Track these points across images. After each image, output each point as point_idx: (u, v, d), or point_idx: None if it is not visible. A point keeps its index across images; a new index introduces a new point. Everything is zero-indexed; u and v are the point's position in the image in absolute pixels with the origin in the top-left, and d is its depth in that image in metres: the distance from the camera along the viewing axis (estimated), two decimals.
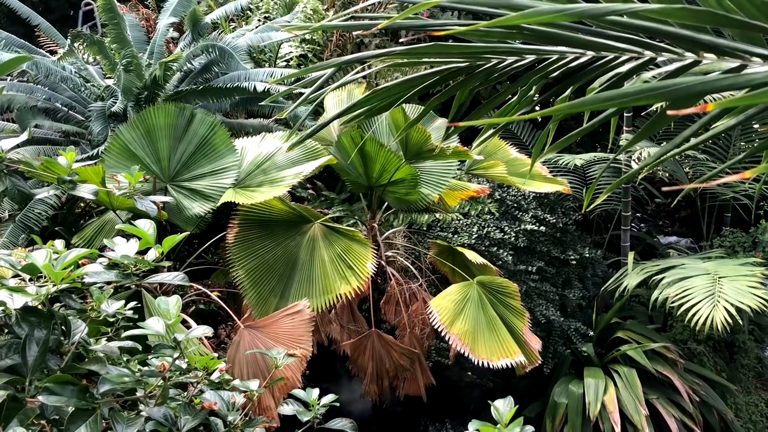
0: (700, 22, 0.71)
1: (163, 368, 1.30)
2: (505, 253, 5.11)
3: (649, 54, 0.93)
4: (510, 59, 1.05)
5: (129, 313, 1.37)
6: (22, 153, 3.69)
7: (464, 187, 4.68)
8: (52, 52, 5.77)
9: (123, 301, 1.39)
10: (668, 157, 1.12)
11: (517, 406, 1.51)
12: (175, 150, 3.77)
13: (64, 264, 1.27)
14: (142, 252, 1.56)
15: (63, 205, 4.43)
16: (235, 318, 3.60)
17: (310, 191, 5.69)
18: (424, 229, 5.33)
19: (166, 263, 1.48)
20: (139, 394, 1.32)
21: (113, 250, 1.55)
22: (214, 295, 3.62)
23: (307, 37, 5.86)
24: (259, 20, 5.76)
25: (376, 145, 3.94)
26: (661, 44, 0.94)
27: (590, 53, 0.97)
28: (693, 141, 1.07)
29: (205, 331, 1.39)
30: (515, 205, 5.44)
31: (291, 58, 5.98)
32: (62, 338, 1.25)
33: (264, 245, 3.81)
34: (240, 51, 4.55)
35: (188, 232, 1.71)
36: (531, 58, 1.03)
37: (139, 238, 1.55)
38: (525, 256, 5.39)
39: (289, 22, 5.42)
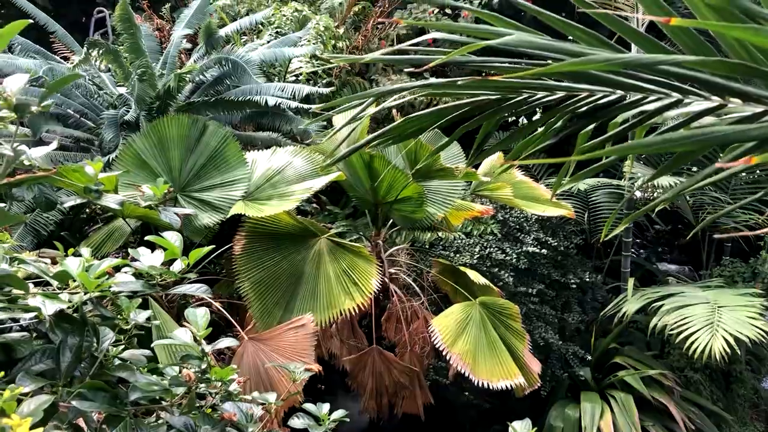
0: (732, 72, 0.76)
1: (188, 378, 1.33)
2: (506, 275, 5.15)
3: (676, 96, 0.98)
4: (541, 94, 1.10)
5: (157, 323, 1.40)
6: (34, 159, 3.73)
7: (469, 207, 4.72)
8: (65, 58, 5.83)
9: (150, 311, 1.43)
10: (685, 191, 1.17)
11: (535, 428, 1.54)
12: (187, 161, 3.81)
13: (97, 273, 1.30)
14: (167, 263, 1.60)
15: (69, 210, 4.46)
16: (239, 329, 3.62)
17: (314, 205, 5.73)
18: (427, 247, 5.37)
19: (192, 275, 1.51)
20: (163, 402, 1.35)
21: (137, 260, 1.59)
22: (218, 305, 3.64)
23: (317, 53, 5.93)
24: (271, 35, 5.84)
25: (384, 163, 3.99)
26: (688, 87, 0.99)
27: (619, 92, 1.03)
28: (711, 179, 1.12)
29: (231, 343, 1.43)
30: (517, 226, 5.49)
31: (300, 74, 6.05)
32: (93, 345, 1.28)
33: (270, 258, 3.84)
34: (252, 65, 4.61)
35: (213, 246, 1.75)
36: (561, 93, 1.08)
37: (165, 249, 1.59)
38: (525, 278, 5.43)
39: (300, 38, 5.49)
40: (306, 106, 4.76)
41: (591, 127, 1.27)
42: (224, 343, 1.42)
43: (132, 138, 3.77)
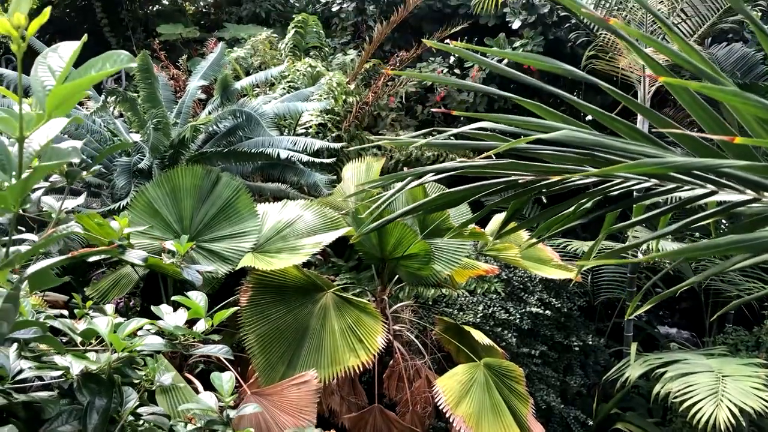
0: None
1: None
2: (510, 335, 5.12)
3: (711, 187, 1.01)
4: (575, 176, 1.14)
5: (182, 385, 1.40)
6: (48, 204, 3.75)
7: (474, 265, 4.74)
8: (80, 103, 5.93)
9: (174, 372, 1.43)
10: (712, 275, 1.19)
11: None
12: (198, 210, 3.84)
13: (126, 333, 1.31)
14: (190, 322, 1.60)
15: None
16: (242, 383, 3.58)
17: (318, 257, 5.73)
18: (430, 303, 5.35)
19: (215, 336, 1.51)
20: None
21: (161, 318, 1.60)
22: (222, 358, 3.60)
23: (328, 107, 6.05)
24: (284, 88, 5.96)
25: (388, 213, 4.01)
26: (721, 180, 1.03)
27: (654, 180, 1.06)
28: (739, 264, 1.14)
29: (254, 410, 1.42)
30: (521, 286, 5.49)
31: (310, 126, 6.15)
32: (119, 407, 1.28)
33: (276, 311, 3.83)
34: (266, 118, 4.70)
35: (237, 307, 1.75)
36: (595, 177, 1.12)
37: (188, 308, 1.60)
38: (528, 338, 5.40)
39: (313, 93, 5.61)
40: (317, 160, 4.83)
41: (618, 211, 1.30)
42: (248, 410, 1.41)
43: (146, 186, 3.81)
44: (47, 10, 0.69)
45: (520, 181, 1.12)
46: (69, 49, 0.78)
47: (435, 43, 1.22)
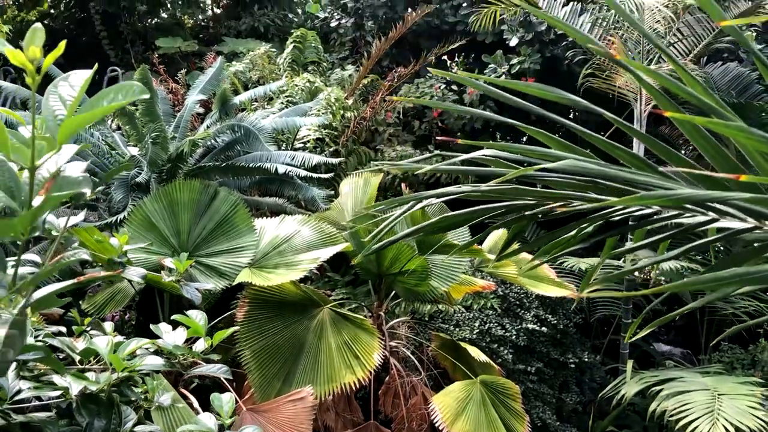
0: None
1: None
2: (506, 351, 5.11)
3: (712, 215, 1.02)
4: (577, 202, 1.15)
5: (181, 405, 1.40)
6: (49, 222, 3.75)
7: (471, 281, 4.74)
8: None
9: (173, 392, 1.42)
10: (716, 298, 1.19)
11: None
12: (196, 225, 3.84)
13: (126, 353, 1.31)
14: (189, 340, 1.60)
15: None
16: (237, 398, 3.56)
17: (315, 271, 5.72)
18: (426, 319, 5.34)
19: (215, 356, 1.51)
20: None
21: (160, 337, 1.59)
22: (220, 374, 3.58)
23: (326, 122, 6.07)
24: (282, 103, 5.98)
25: (390, 235, 4.01)
26: (723, 208, 1.04)
27: (656, 207, 1.07)
28: (741, 290, 1.14)
29: (255, 430, 1.42)
30: (517, 302, 5.49)
31: (308, 141, 6.17)
32: (117, 427, 1.27)
33: (273, 326, 3.81)
34: (264, 132, 4.71)
35: (236, 327, 1.75)
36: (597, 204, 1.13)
37: (187, 327, 1.59)
38: (524, 355, 5.39)
39: (311, 108, 5.63)
40: (315, 175, 4.84)
41: (618, 235, 1.31)
42: (249, 430, 1.41)
43: (143, 200, 3.81)
44: (62, 44, 0.70)
45: (527, 213, 1.13)
46: (80, 78, 0.78)
47: (438, 71, 1.23)
